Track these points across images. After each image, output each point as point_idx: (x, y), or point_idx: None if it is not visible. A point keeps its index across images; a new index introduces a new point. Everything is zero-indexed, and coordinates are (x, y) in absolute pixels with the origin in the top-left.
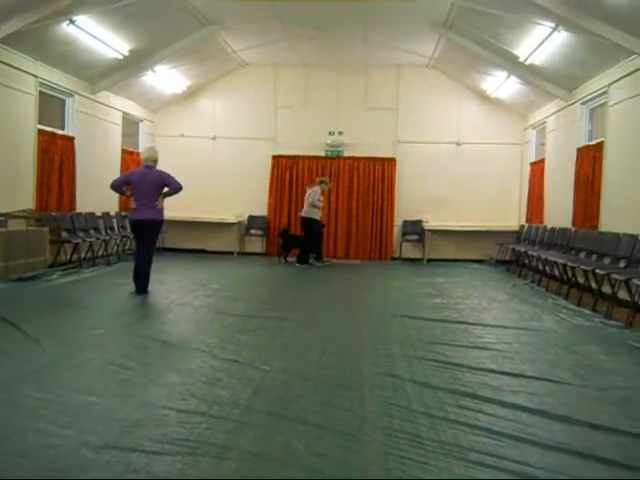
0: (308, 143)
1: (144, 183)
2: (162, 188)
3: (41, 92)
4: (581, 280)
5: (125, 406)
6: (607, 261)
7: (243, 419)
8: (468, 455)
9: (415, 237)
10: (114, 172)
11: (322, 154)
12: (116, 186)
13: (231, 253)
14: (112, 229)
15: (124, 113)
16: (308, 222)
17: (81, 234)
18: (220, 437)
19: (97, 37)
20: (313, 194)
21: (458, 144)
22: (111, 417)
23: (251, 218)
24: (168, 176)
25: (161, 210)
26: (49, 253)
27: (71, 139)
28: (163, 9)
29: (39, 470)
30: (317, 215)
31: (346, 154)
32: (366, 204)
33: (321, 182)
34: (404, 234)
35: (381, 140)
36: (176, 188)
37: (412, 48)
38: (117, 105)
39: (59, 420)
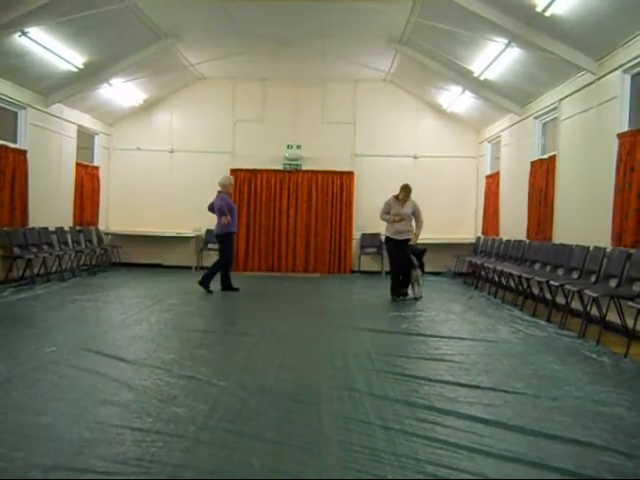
0: (266, 157)
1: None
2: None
3: None
4: (536, 291)
5: (77, 426)
6: (561, 272)
7: (199, 437)
8: (425, 468)
9: (374, 250)
10: (68, 186)
11: (280, 167)
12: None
13: (189, 268)
14: (66, 244)
15: (79, 126)
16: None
17: (34, 249)
18: (175, 456)
19: (50, 49)
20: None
21: (415, 157)
22: (63, 437)
23: (209, 232)
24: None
25: (222, 226)
26: (1, 269)
27: (23, 153)
28: (118, 22)
29: None
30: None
31: (304, 167)
32: (325, 217)
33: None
34: (362, 247)
35: (339, 154)
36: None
37: (369, 63)
38: (72, 118)
39: (8, 441)
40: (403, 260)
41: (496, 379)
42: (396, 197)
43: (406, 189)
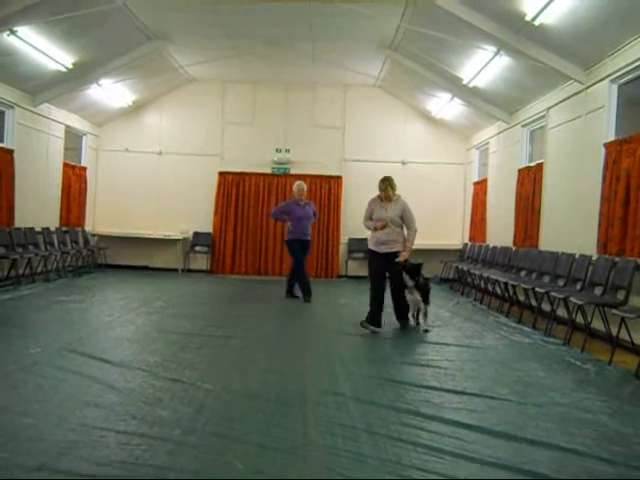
0: (255, 160)
1: None
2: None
3: None
4: (522, 298)
5: (61, 427)
6: (547, 279)
7: (184, 440)
8: (409, 473)
9: (361, 255)
10: (55, 186)
11: (269, 171)
12: None
13: (175, 270)
14: (52, 245)
15: (67, 126)
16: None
17: (19, 250)
18: (159, 458)
19: (39, 49)
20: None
21: (403, 163)
22: (46, 439)
23: (196, 235)
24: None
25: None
26: None
27: (10, 152)
28: (108, 22)
29: None
30: None
31: (293, 171)
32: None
33: None
34: (350, 252)
35: (328, 158)
36: None
37: (359, 68)
38: (59, 118)
39: None
40: (393, 281)
41: (481, 385)
42: (380, 197)
43: (387, 182)
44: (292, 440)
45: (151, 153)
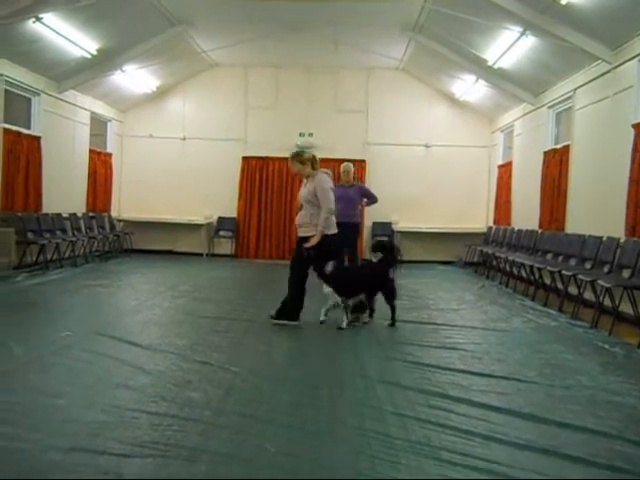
0: (278, 144)
1: None
2: None
3: (6, 90)
4: (548, 281)
5: (93, 409)
6: (573, 262)
7: (214, 421)
8: (439, 454)
9: (385, 238)
10: (81, 172)
11: None
12: None
13: (200, 254)
14: (79, 230)
15: (92, 113)
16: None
17: (47, 235)
18: (191, 439)
19: (64, 35)
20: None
21: (427, 146)
22: (79, 420)
23: (220, 219)
24: None
25: None
26: (15, 254)
27: (37, 139)
28: (132, 8)
29: (5, 474)
30: None
31: (316, 155)
32: None
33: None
34: (374, 235)
35: (351, 142)
36: None
37: (382, 51)
38: (85, 104)
39: (26, 423)
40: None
41: (509, 368)
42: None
43: (293, 157)
44: (320, 422)
45: (175, 139)
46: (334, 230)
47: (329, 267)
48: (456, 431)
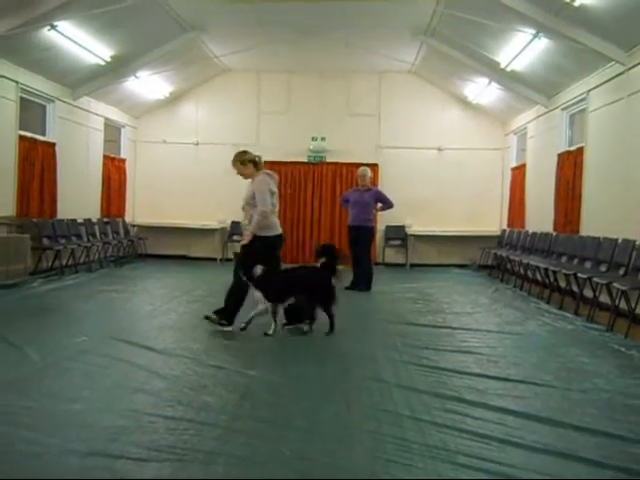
0: (291, 149)
1: None
2: None
3: (22, 98)
4: (563, 284)
5: (111, 413)
6: (588, 265)
7: (230, 425)
8: (455, 458)
9: (398, 242)
10: (95, 178)
11: (305, 160)
12: None
13: (214, 259)
14: (94, 235)
15: (106, 119)
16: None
17: (62, 241)
18: (208, 444)
19: (78, 43)
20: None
21: (440, 149)
22: (96, 425)
23: (234, 224)
24: None
25: None
26: (30, 260)
27: (52, 145)
28: (145, 15)
29: (24, 478)
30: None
31: (329, 160)
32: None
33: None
34: (387, 239)
35: (364, 146)
36: None
37: (394, 54)
38: (99, 111)
39: (43, 428)
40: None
41: (525, 372)
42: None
43: (234, 158)
44: (337, 426)
45: (188, 144)
46: (272, 232)
47: (257, 270)
48: (472, 435)
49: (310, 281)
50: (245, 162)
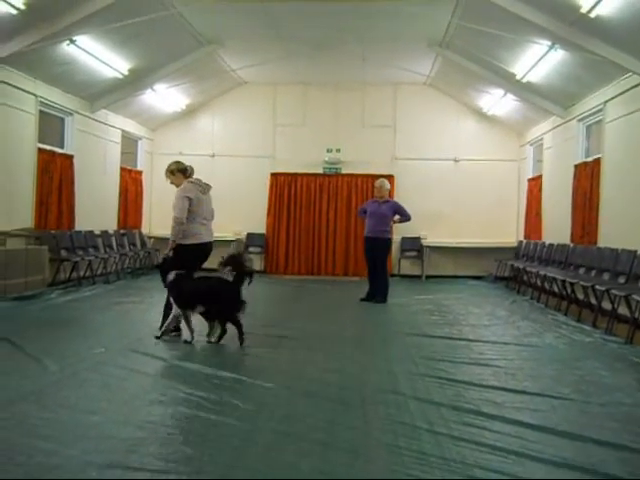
0: (306, 161)
1: None
2: None
3: (41, 111)
4: (580, 296)
5: (129, 425)
6: (606, 277)
7: (248, 437)
8: (473, 472)
9: (414, 253)
10: (113, 190)
11: (320, 171)
12: None
13: None
14: (111, 247)
15: (123, 131)
16: None
17: (80, 252)
18: (226, 456)
19: (97, 56)
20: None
21: (456, 161)
22: (115, 436)
23: (250, 235)
24: None
25: None
26: (48, 272)
27: (70, 157)
28: (162, 29)
29: None
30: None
31: (344, 171)
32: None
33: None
34: (403, 251)
35: (379, 157)
36: None
37: (409, 66)
38: (116, 123)
39: (62, 440)
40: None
41: (542, 384)
42: None
43: (168, 167)
44: (354, 439)
45: (204, 156)
46: (191, 241)
47: (170, 276)
48: (490, 448)
49: (216, 290)
50: (174, 172)
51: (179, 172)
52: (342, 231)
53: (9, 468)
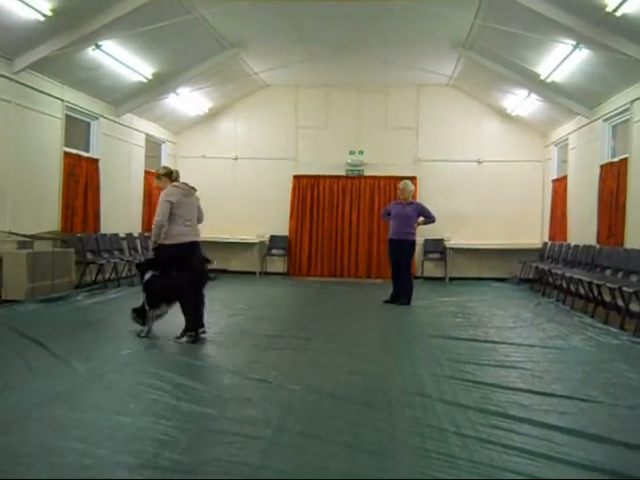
0: (329, 163)
1: None
2: None
3: (67, 115)
4: (607, 298)
5: (157, 426)
6: (634, 278)
7: (275, 439)
8: (502, 475)
9: (437, 255)
10: (137, 193)
11: (343, 173)
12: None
13: (253, 273)
14: (135, 250)
15: (147, 135)
16: None
17: (105, 255)
18: (254, 457)
19: (122, 61)
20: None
21: (479, 162)
22: (144, 437)
23: (273, 238)
24: None
25: None
26: (74, 274)
27: (96, 161)
28: (186, 33)
29: None
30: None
31: (367, 173)
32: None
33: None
34: (426, 253)
35: (402, 159)
36: None
37: (432, 67)
38: (140, 127)
39: (92, 440)
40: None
41: (570, 387)
42: None
43: (156, 172)
44: (381, 441)
45: (227, 159)
46: (173, 241)
47: (147, 275)
48: (519, 451)
49: (173, 286)
50: (160, 176)
51: (165, 176)
52: (365, 233)
53: (43, 468)
